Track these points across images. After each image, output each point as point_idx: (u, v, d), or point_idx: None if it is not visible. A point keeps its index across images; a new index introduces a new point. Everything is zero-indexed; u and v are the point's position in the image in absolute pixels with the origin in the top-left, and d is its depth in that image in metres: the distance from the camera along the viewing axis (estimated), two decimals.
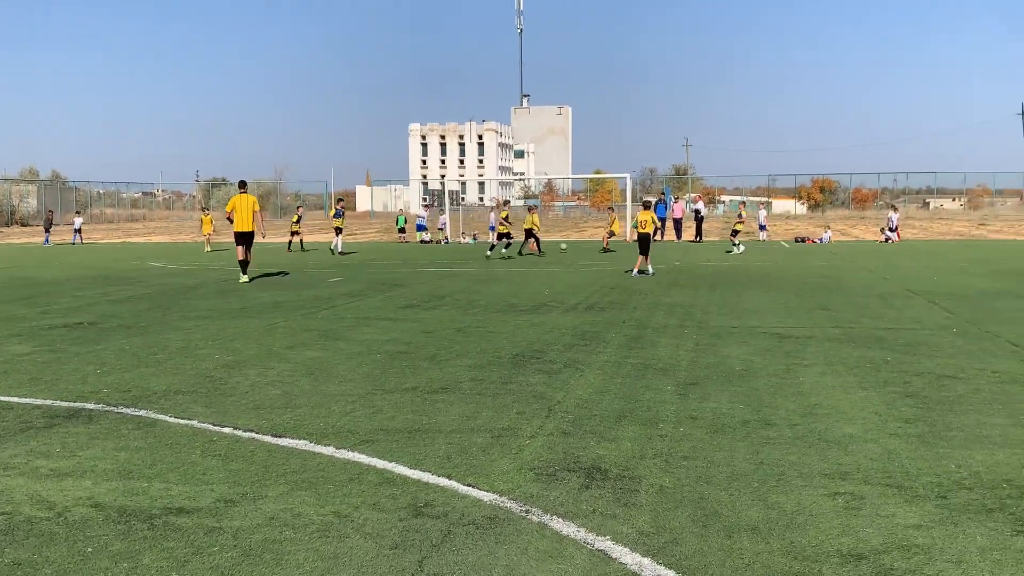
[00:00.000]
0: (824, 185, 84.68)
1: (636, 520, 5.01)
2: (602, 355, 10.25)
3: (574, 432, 6.89)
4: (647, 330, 12.24)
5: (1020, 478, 5.70)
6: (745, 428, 6.99)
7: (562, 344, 11.04)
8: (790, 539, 4.71)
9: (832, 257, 28.87)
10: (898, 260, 25.89)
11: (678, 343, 11.10)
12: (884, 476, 5.76)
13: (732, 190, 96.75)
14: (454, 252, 35.16)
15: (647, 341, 11.27)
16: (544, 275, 22.25)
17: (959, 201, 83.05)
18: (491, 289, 18.42)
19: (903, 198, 79.12)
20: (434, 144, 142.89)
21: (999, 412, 7.41)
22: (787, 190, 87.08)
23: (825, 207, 79.92)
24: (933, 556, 4.47)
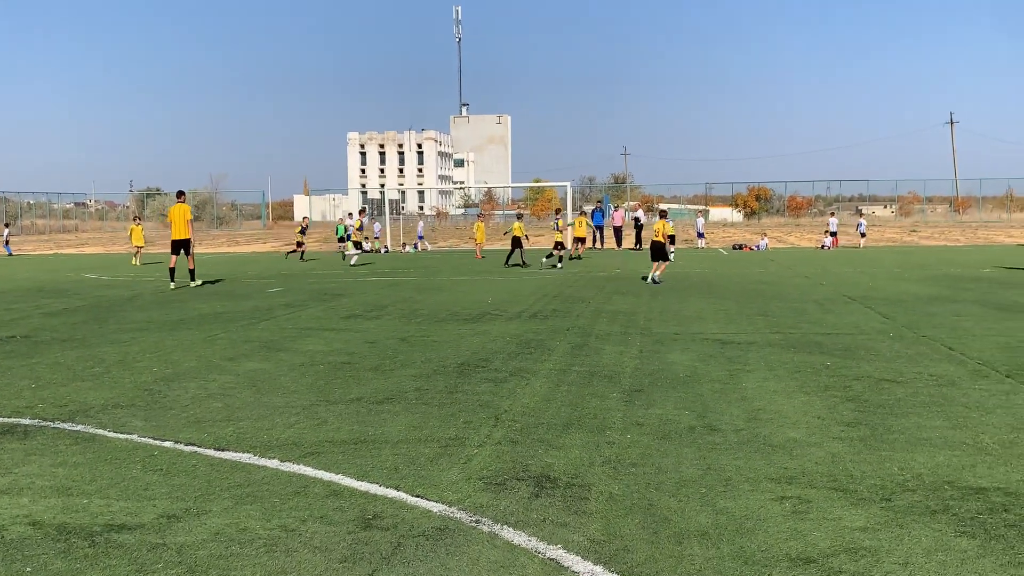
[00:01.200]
0: (760, 193, 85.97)
1: (587, 528, 5.00)
2: (547, 363, 10.25)
3: (522, 440, 6.87)
4: (591, 337, 12.27)
5: (961, 479, 5.80)
6: (691, 434, 7.03)
7: (507, 352, 11.02)
8: (740, 544, 4.73)
9: (769, 264, 29.30)
10: (834, 266, 26.38)
11: (622, 350, 11.15)
12: (829, 480, 5.83)
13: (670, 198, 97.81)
14: (395, 261, 34.98)
15: (592, 348, 11.30)
16: (486, 284, 22.23)
17: (891, 208, 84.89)
18: (433, 298, 18.34)
19: (836, 205, 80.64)
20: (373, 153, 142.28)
21: (938, 415, 7.56)
22: (724, 198, 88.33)
23: (761, 215, 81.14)
24: (880, 558, 4.53)
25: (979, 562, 4.47)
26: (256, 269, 30.18)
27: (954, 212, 79.09)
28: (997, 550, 4.62)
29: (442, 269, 28.90)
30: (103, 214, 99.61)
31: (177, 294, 19.96)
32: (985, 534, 4.84)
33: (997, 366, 9.69)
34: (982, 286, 19.70)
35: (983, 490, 5.58)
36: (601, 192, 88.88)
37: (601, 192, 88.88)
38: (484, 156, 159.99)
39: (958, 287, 19.42)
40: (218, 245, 54.02)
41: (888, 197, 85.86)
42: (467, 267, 29.73)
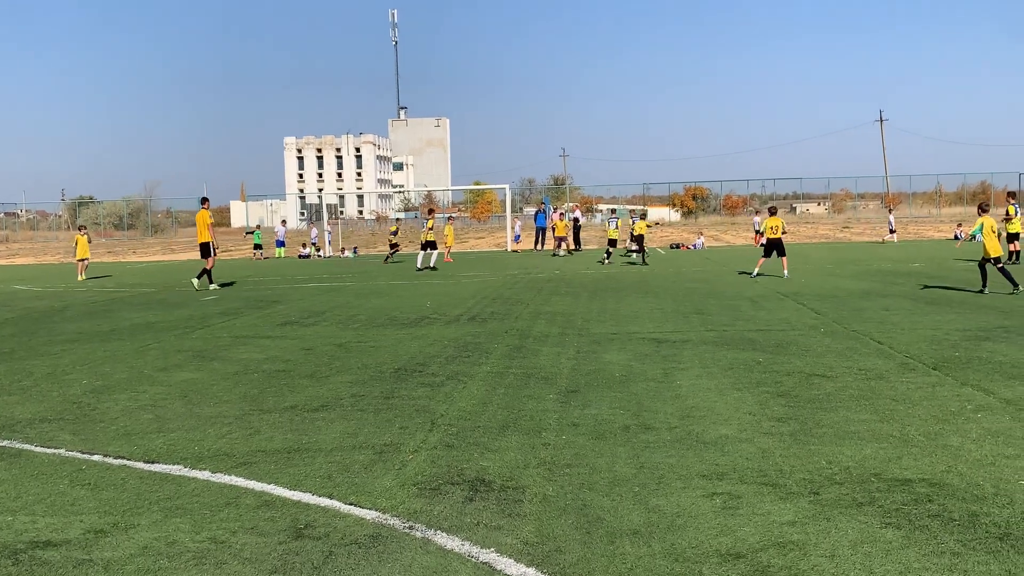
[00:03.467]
0: (696, 192, 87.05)
1: (520, 530, 5.01)
2: (485, 366, 10.25)
3: (458, 445, 6.86)
4: (529, 339, 12.31)
5: (887, 472, 5.93)
6: (625, 433, 7.08)
7: (444, 356, 11.00)
8: (671, 541, 4.78)
9: (706, 262, 29.67)
10: (768, 264, 26.72)
11: (560, 351, 11.20)
12: (759, 475, 5.92)
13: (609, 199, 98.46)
14: (333, 267, 34.71)
15: (529, 350, 11.33)
16: (426, 287, 22.17)
17: (824, 205, 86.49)
18: (372, 303, 18.25)
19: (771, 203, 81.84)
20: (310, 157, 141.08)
21: (866, 408, 7.71)
22: (661, 198, 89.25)
23: (698, 214, 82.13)
24: (807, 551, 4.61)
25: (903, 553, 4.57)
26: (191, 277, 29.70)
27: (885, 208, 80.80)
28: (920, 540, 4.72)
29: (381, 273, 28.76)
30: (34, 224, 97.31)
31: (108, 304, 19.56)
32: (909, 525, 4.95)
33: (924, 359, 9.93)
34: (911, 280, 20.15)
35: (908, 482, 5.71)
36: (541, 194, 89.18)
37: (541, 194, 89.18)
38: (423, 159, 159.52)
39: (888, 282, 19.84)
40: (153, 253, 53.09)
41: (821, 195, 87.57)
42: (407, 271, 29.61)
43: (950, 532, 4.82)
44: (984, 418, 7.25)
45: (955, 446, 6.47)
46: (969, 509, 5.17)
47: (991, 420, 7.18)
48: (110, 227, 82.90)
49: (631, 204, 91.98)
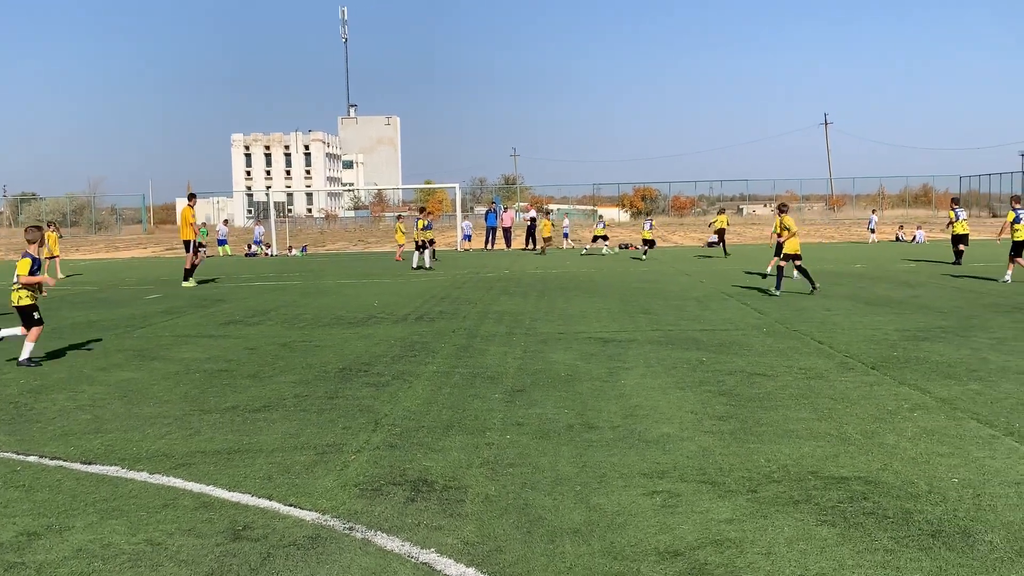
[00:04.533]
0: (646, 193, 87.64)
1: (461, 530, 5.01)
2: (431, 365, 10.23)
3: (401, 445, 6.84)
4: (476, 339, 12.30)
5: (824, 470, 6.02)
6: (569, 432, 7.11)
7: (390, 356, 10.95)
8: (610, 540, 4.81)
9: (653, 262, 29.87)
10: (714, 264, 27.05)
11: (507, 350, 11.21)
12: (699, 473, 5.98)
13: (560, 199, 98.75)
14: (280, 265, 34.39)
15: (476, 350, 11.33)
16: (374, 287, 22.06)
17: (770, 207, 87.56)
18: (318, 302, 18.11)
19: (719, 205, 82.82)
20: (258, 155, 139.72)
21: (805, 407, 7.83)
22: (611, 198, 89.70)
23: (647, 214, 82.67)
24: (744, 549, 4.66)
25: (838, 550, 4.64)
26: (136, 275, 29.28)
27: (829, 210, 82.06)
28: (855, 537, 4.81)
29: (328, 272, 28.56)
30: None
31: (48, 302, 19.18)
32: (845, 522, 5.03)
33: (863, 358, 10.10)
34: (853, 281, 20.49)
35: (844, 479, 5.81)
36: (492, 193, 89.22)
37: (492, 193, 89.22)
38: (373, 157, 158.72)
39: (830, 282, 20.14)
40: (97, 251, 52.16)
41: (767, 196, 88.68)
42: (356, 270, 29.44)
43: (884, 529, 4.91)
44: (920, 417, 7.40)
45: (891, 444, 6.60)
46: (903, 507, 5.27)
47: (926, 419, 7.33)
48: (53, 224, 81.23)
49: (581, 204, 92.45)
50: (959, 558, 4.51)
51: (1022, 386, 8.48)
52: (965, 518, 5.06)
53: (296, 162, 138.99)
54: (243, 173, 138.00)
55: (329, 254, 42.30)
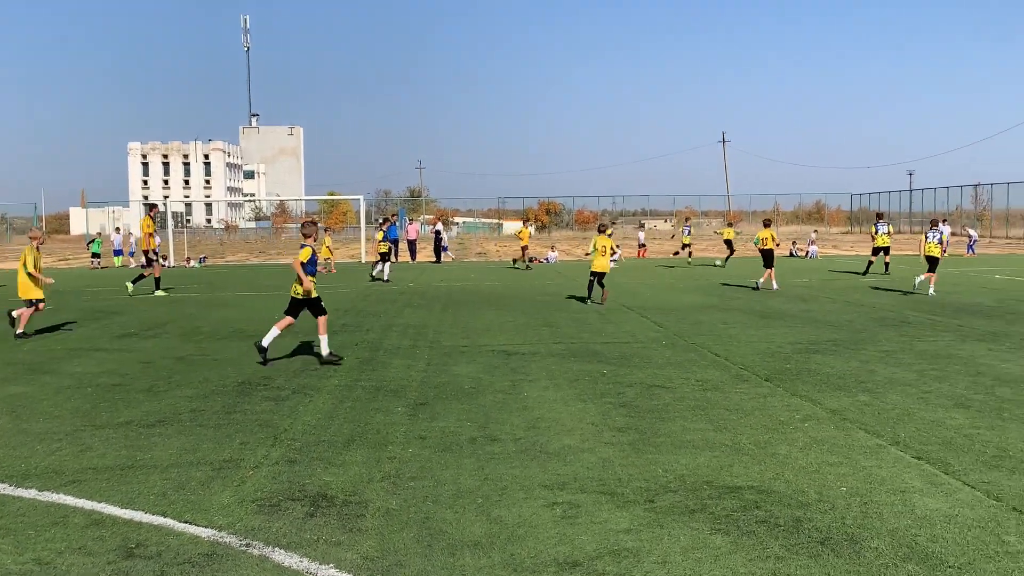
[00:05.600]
0: (550, 207, 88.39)
1: (361, 545, 4.97)
2: (333, 379, 10.13)
3: (300, 460, 6.76)
4: (380, 352, 12.23)
5: (719, 479, 6.17)
6: (472, 445, 7.13)
7: (291, 369, 10.80)
8: (511, 552, 4.84)
9: (557, 276, 30.10)
10: (615, 277, 27.37)
11: (410, 363, 11.17)
12: (599, 484, 6.06)
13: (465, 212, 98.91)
14: (178, 277, 33.57)
15: (379, 363, 11.26)
16: (275, 299, 21.70)
17: (670, 222, 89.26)
18: (217, 315, 17.74)
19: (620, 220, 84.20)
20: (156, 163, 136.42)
21: (701, 418, 8.00)
22: (517, 212, 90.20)
23: (551, 228, 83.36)
24: (641, 558, 4.75)
25: (731, 558, 4.76)
26: None
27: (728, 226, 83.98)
28: (748, 546, 4.94)
29: (229, 284, 28.01)
30: None
31: None
32: (738, 531, 5.16)
33: (757, 370, 10.37)
34: (747, 295, 21.01)
35: (738, 488, 5.96)
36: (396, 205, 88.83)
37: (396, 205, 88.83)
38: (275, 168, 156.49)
39: (726, 296, 20.63)
40: None
41: (667, 211, 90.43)
42: (257, 282, 28.93)
43: (775, 537, 5.06)
44: (811, 427, 7.64)
45: (783, 454, 6.79)
46: (793, 515, 5.43)
47: (817, 429, 7.57)
48: None
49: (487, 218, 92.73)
50: (846, 564, 4.67)
51: (908, 397, 8.82)
52: (853, 525, 5.24)
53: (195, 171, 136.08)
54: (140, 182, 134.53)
55: (229, 266, 41.44)
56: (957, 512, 5.46)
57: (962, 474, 6.25)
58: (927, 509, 5.52)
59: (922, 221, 72.19)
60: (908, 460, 6.61)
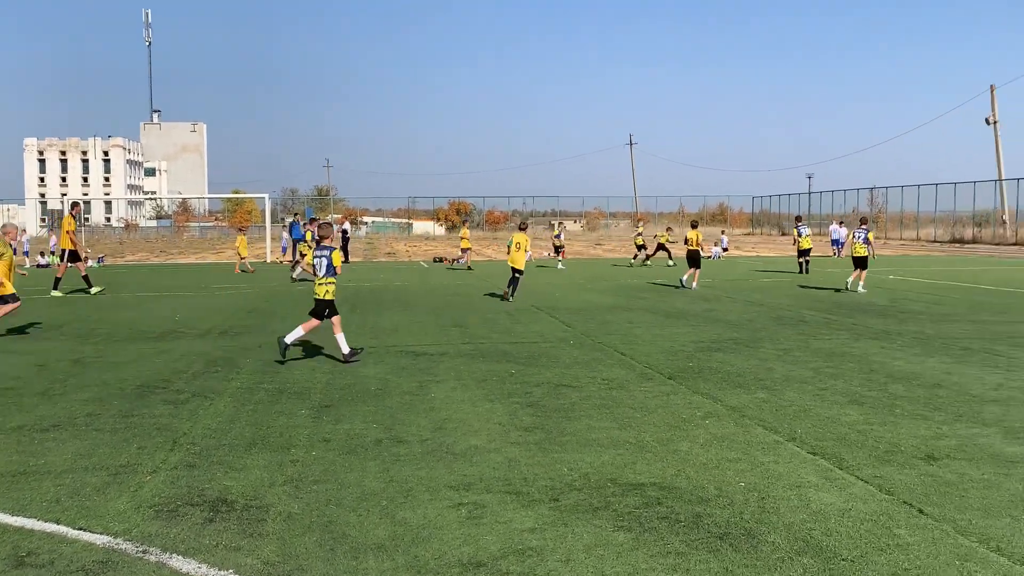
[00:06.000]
0: (461, 207, 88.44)
1: (262, 550, 4.89)
2: (235, 382, 9.94)
3: (200, 464, 6.61)
4: None
5: (622, 477, 6.25)
6: (377, 447, 7.08)
7: (192, 372, 10.57)
8: (415, 553, 4.82)
9: (467, 276, 30.11)
10: (525, 278, 27.53)
11: (315, 365, 11.04)
12: (504, 484, 6.08)
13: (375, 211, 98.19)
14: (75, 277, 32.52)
15: (283, 365, 11.09)
16: (176, 300, 21.22)
17: (579, 223, 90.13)
18: (116, 316, 17.24)
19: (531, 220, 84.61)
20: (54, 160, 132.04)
21: (607, 416, 8.10)
22: (427, 212, 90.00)
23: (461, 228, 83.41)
24: (545, 557, 4.78)
25: (633, 554, 4.83)
26: None
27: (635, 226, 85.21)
28: (649, 542, 5.01)
29: (128, 284, 27.25)
30: None
31: None
32: (640, 527, 5.24)
33: (661, 369, 10.54)
34: (653, 295, 21.34)
35: (641, 485, 6.04)
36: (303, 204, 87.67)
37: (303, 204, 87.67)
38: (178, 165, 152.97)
39: (633, 296, 20.92)
40: None
41: (577, 212, 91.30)
42: (158, 282, 28.22)
43: (676, 533, 5.14)
44: (711, 424, 7.79)
45: (684, 451, 6.92)
46: (694, 511, 5.53)
47: (717, 426, 7.73)
48: None
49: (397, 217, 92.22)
50: (744, 559, 4.78)
51: (804, 394, 9.07)
52: (751, 520, 5.37)
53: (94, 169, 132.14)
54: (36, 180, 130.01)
55: (128, 266, 40.33)
56: (850, 506, 5.63)
57: (855, 469, 6.45)
58: (822, 503, 5.68)
59: (820, 223, 74.35)
60: (804, 456, 6.80)
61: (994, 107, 61.73)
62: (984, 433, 7.47)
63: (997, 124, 61.57)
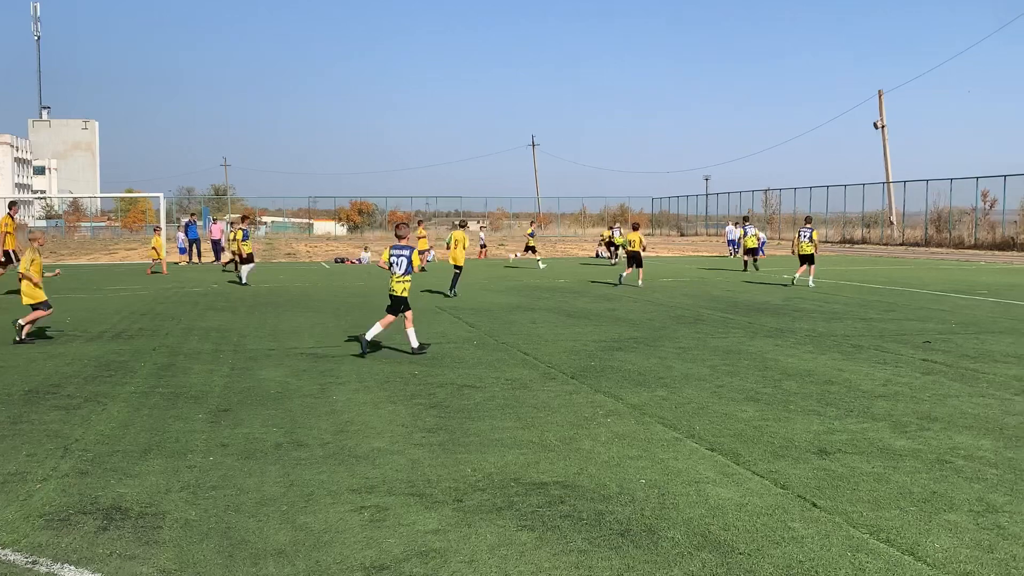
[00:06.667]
0: (362, 207, 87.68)
1: (158, 558, 4.77)
2: (128, 386, 9.66)
3: (93, 471, 6.41)
4: (180, 356, 11.76)
5: (526, 476, 6.29)
6: (277, 451, 6.97)
7: (83, 376, 10.23)
8: (316, 558, 4.77)
9: (369, 277, 29.87)
10: (427, 279, 27.43)
11: (213, 368, 10.81)
12: (408, 486, 6.05)
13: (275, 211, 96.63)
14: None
15: (179, 368, 10.83)
16: (67, 302, 20.50)
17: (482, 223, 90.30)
18: (1, 319, 16.55)
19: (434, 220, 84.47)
20: None
21: (510, 416, 8.14)
22: (328, 212, 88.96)
23: (364, 228, 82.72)
24: (448, 558, 4.77)
25: (536, 553, 4.86)
26: None
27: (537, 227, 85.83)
28: (552, 541, 5.05)
29: (15, 286, 26.20)
30: None
31: None
32: (543, 526, 5.28)
33: (564, 368, 10.64)
34: (556, 295, 21.52)
35: (544, 485, 6.09)
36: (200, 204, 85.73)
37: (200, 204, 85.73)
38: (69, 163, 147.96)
39: (536, 296, 21.06)
40: None
41: (480, 213, 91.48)
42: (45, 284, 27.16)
43: (578, 531, 5.20)
44: (613, 422, 7.90)
45: (587, 449, 7.00)
46: (596, 508, 5.60)
47: (619, 424, 7.84)
48: None
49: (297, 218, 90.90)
50: (645, 555, 4.85)
51: (702, 392, 9.27)
52: (651, 516, 5.46)
53: None
54: None
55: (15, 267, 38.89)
56: (747, 501, 5.78)
57: (752, 464, 6.62)
58: (720, 499, 5.81)
59: (718, 224, 76.06)
60: (703, 452, 6.95)
61: (882, 111, 64.11)
62: (874, 427, 7.75)
63: (885, 128, 63.95)
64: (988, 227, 53.09)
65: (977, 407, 8.54)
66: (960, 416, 8.17)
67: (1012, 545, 5.00)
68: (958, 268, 33.24)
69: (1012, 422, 7.93)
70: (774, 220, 74.26)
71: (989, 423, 7.89)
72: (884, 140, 63.82)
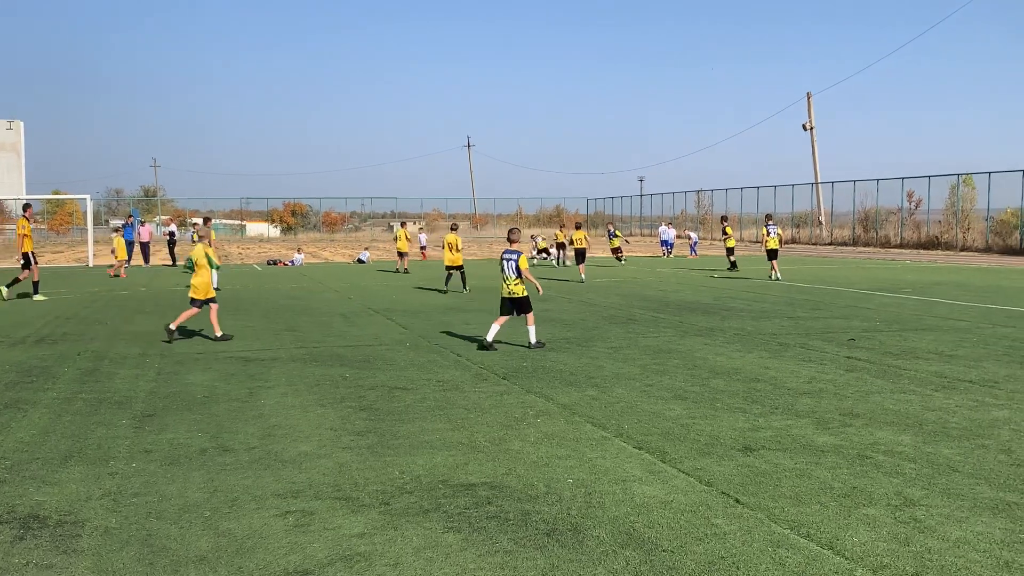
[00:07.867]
0: (296, 209, 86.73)
1: (76, 567, 4.68)
2: (50, 392, 9.45)
3: (10, 479, 6.26)
4: (105, 361, 11.52)
5: (454, 478, 6.29)
6: (202, 457, 6.87)
7: (3, 383, 9.98)
8: (239, 565, 4.71)
9: (302, 279, 29.58)
10: (361, 280, 27.27)
11: (139, 373, 10.61)
12: (334, 490, 6.01)
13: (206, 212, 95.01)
14: None
15: (104, 373, 10.61)
16: None
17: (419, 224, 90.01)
18: None
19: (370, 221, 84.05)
20: None
21: (440, 418, 8.13)
22: (261, 213, 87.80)
23: (297, 230, 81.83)
24: (373, 562, 4.75)
25: (461, 555, 4.86)
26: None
27: (473, 228, 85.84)
28: (478, 542, 5.06)
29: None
30: None
31: None
32: (469, 527, 5.28)
33: (496, 369, 10.66)
34: (489, 296, 21.53)
35: (472, 486, 6.09)
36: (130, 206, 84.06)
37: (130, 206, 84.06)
38: None
39: (469, 298, 21.06)
40: None
41: (416, 214, 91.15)
42: None
43: (505, 532, 5.21)
44: (543, 423, 7.94)
45: (516, 450, 7.02)
46: (523, 508, 5.62)
47: (549, 424, 7.88)
48: None
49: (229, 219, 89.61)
50: (570, 554, 4.89)
51: (632, 391, 9.36)
52: (577, 515, 5.50)
53: None
54: None
55: None
56: (672, 498, 5.85)
57: (678, 462, 6.71)
58: (645, 496, 5.87)
59: (652, 224, 76.81)
60: (630, 450, 7.02)
61: (811, 113, 65.34)
62: (797, 424, 7.89)
63: (813, 130, 65.19)
64: (913, 226, 54.37)
65: (898, 403, 8.75)
66: (881, 412, 8.36)
67: (927, 538, 5.13)
68: (884, 267, 34.03)
69: (931, 417, 8.14)
70: (707, 220, 75.18)
71: (909, 419, 8.09)
72: (813, 141, 65.04)
